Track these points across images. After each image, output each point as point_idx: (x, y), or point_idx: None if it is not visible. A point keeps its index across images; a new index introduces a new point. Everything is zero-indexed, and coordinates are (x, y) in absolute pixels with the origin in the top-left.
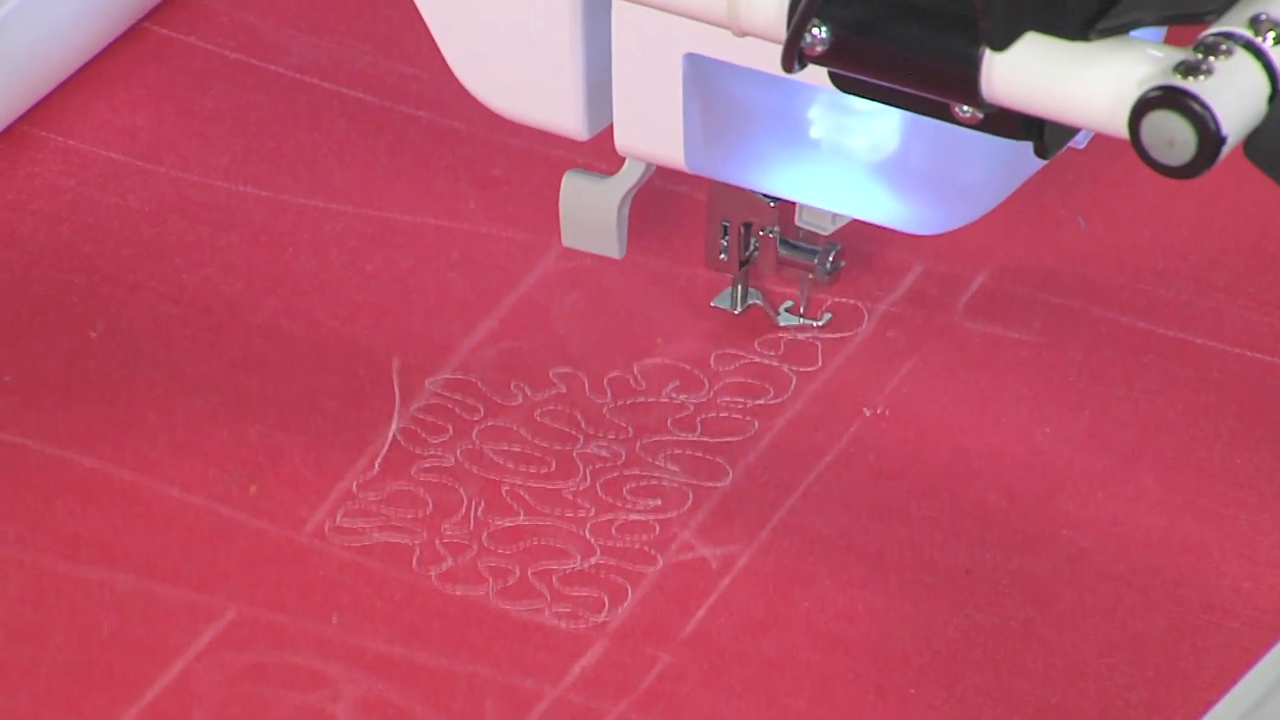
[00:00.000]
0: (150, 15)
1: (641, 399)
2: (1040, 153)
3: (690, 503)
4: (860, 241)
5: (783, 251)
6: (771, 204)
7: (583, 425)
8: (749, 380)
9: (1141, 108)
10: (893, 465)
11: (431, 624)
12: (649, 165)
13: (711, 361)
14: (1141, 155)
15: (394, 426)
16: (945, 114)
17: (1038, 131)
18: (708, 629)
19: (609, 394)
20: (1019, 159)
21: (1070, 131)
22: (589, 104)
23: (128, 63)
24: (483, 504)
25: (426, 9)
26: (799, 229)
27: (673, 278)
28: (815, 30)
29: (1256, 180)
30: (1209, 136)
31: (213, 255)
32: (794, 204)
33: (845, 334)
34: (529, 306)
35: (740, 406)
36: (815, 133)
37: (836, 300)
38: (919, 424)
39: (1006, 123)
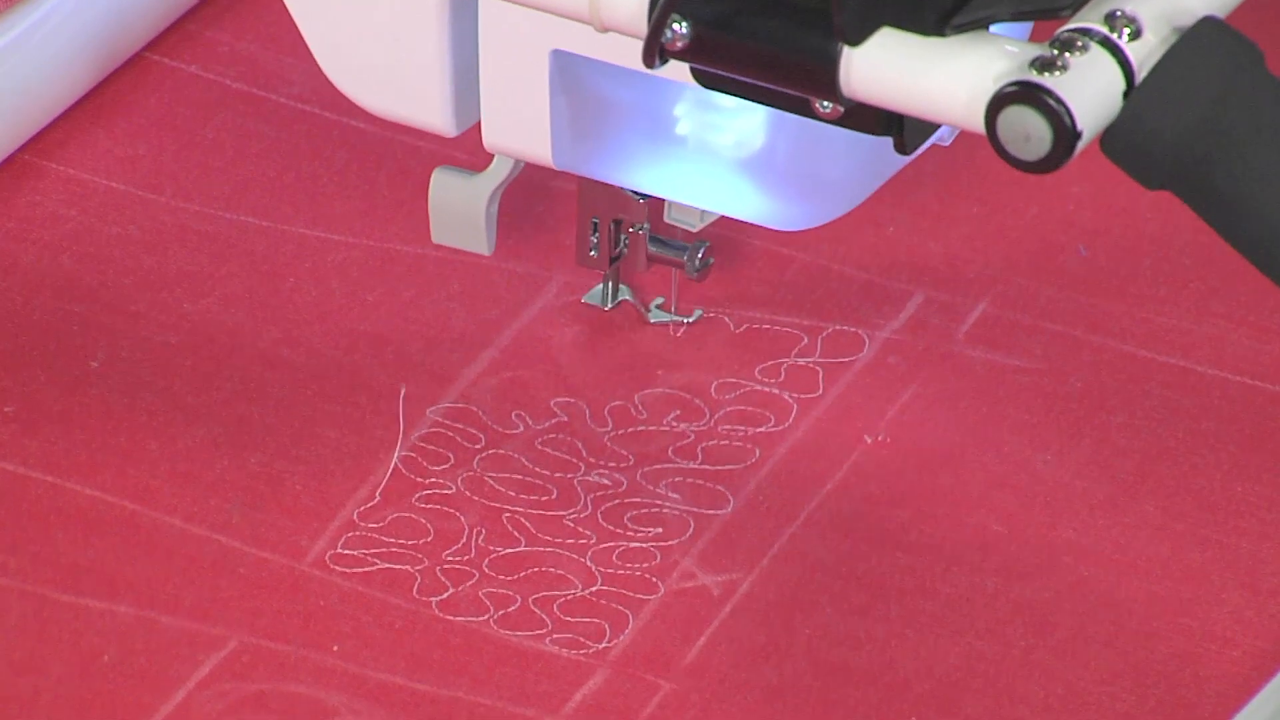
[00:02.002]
0: (151, 45)
1: (642, 427)
2: (900, 149)
3: (691, 530)
4: (852, 267)
5: (652, 248)
6: (641, 200)
7: (584, 454)
8: (750, 408)
9: (997, 103)
10: (894, 492)
11: (432, 653)
12: (518, 162)
13: (712, 390)
14: (998, 150)
15: (396, 454)
16: (806, 109)
17: (897, 127)
18: (709, 657)
19: (610, 423)
20: (882, 156)
21: (931, 127)
22: (457, 100)
23: (129, 92)
24: (484, 532)
25: (292, 2)
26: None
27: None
28: (676, 25)
29: None
30: (1064, 131)
31: (214, 285)
32: (663, 201)
33: (846, 360)
34: (530, 337)
35: (741, 434)
36: (681, 129)
37: (838, 328)
38: (920, 451)
39: (866, 118)
